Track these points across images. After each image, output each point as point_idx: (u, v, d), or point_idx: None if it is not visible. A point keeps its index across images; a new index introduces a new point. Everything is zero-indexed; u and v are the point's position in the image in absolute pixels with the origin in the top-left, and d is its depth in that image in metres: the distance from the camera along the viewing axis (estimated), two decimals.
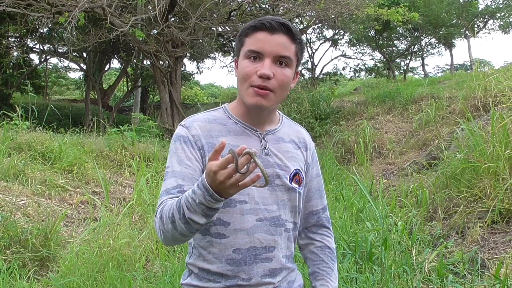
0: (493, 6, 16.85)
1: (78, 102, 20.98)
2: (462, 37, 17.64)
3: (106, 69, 19.60)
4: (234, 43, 16.70)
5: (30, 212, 4.07)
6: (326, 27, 17.78)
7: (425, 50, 18.54)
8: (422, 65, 19.96)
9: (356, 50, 19.45)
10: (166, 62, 11.03)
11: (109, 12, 8.40)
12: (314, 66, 18.71)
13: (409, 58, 18.90)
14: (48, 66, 20.35)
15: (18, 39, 13.58)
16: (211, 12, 10.89)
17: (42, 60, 17.59)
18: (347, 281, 2.78)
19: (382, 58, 18.59)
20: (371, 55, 19.19)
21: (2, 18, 11.25)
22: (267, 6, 11.90)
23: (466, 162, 4.30)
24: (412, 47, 17.91)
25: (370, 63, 20.57)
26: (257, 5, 11.98)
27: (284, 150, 1.30)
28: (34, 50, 15.75)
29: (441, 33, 16.30)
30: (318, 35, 18.87)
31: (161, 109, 11.44)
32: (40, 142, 5.64)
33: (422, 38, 17.38)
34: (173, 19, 11.73)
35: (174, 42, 10.51)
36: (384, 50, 17.68)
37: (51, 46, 15.36)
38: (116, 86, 20.29)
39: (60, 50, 15.69)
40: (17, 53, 14.00)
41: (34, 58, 18.11)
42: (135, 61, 16.02)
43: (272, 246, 1.25)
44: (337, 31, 17.92)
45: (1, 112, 6.58)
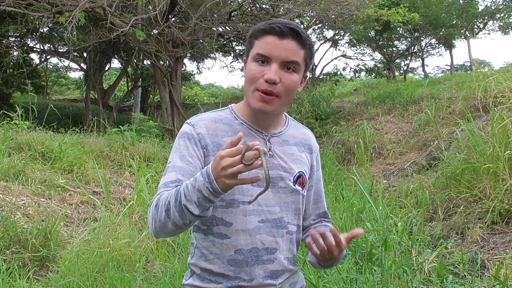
0: (493, 7, 16.85)
1: (78, 102, 20.97)
2: (462, 37, 17.65)
3: (107, 69, 19.60)
4: (234, 43, 16.79)
5: (30, 212, 4.07)
6: (326, 28, 17.82)
7: (425, 50, 18.52)
8: (422, 65, 19.95)
9: (356, 50, 19.46)
10: (167, 62, 11.03)
11: (109, 12, 8.41)
12: (314, 67, 18.71)
13: (409, 58, 18.88)
14: (48, 66, 20.34)
15: (19, 39, 13.56)
16: (212, 12, 10.89)
17: (42, 59, 17.57)
18: (347, 281, 2.78)
19: (382, 58, 18.57)
20: (371, 56, 19.20)
21: (2, 18, 11.24)
22: (268, 7, 11.90)
23: (466, 162, 4.30)
24: (412, 48, 17.90)
25: (370, 64, 20.51)
26: (257, 5, 11.99)
27: (288, 153, 1.30)
28: (35, 49, 15.74)
29: (441, 33, 16.29)
30: (319, 36, 18.90)
31: (161, 109, 11.44)
32: (40, 142, 5.63)
33: (422, 38, 17.36)
34: (173, 19, 11.75)
35: (174, 42, 10.51)
36: (384, 50, 17.67)
37: (52, 46, 15.34)
38: (116, 86, 20.29)
39: (60, 50, 15.67)
40: (17, 52, 13.97)
41: (34, 57, 18.12)
42: (136, 61, 16.04)
43: (273, 247, 1.25)
44: (337, 32, 17.95)
45: (1, 111, 6.57)
